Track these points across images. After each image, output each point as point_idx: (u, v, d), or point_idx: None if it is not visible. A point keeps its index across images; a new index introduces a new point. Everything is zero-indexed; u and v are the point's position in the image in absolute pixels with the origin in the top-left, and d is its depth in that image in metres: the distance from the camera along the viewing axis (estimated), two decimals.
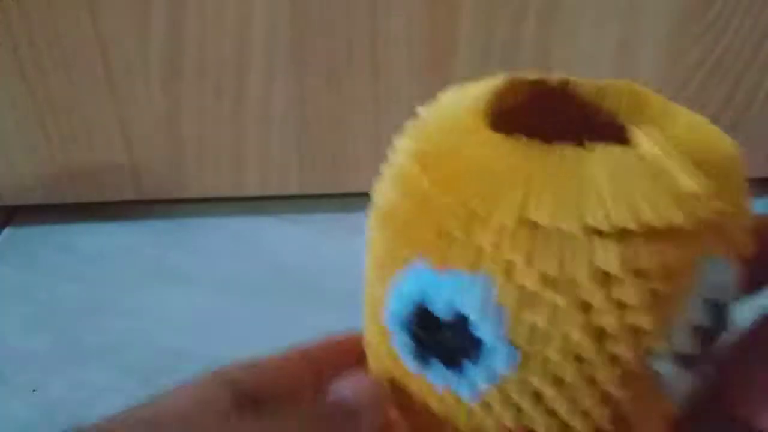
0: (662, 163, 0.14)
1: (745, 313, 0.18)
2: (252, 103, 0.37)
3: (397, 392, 0.18)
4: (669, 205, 0.14)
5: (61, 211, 0.41)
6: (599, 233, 0.13)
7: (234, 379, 0.19)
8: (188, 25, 0.34)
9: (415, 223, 0.15)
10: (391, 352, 0.17)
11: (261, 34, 0.34)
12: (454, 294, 0.15)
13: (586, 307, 0.14)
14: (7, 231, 0.41)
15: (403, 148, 0.17)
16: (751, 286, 0.18)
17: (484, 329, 0.15)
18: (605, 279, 0.14)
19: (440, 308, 0.15)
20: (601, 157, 0.14)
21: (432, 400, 0.17)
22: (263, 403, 0.17)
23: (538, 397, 0.15)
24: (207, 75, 0.36)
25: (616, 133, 0.16)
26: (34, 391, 0.28)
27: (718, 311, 0.15)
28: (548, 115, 0.18)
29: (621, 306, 0.14)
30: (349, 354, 0.20)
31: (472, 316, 0.15)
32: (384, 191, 0.17)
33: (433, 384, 0.16)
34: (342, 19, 0.34)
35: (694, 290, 0.14)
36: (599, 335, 0.14)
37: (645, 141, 0.15)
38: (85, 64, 0.34)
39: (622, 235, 0.13)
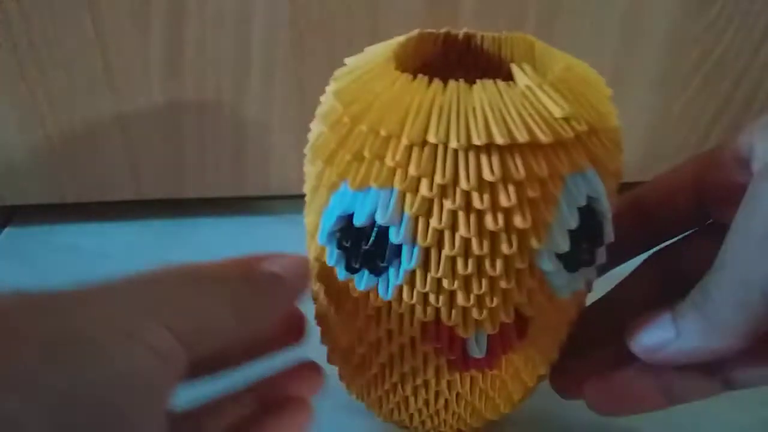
0: (532, 92, 0.17)
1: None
2: (252, 103, 0.37)
3: (330, 295, 0.22)
4: (536, 126, 0.16)
5: (61, 211, 0.41)
6: (482, 149, 0.16)
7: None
8: (188, 25, 0.34)
9: (338, 151, 0.18)
10: (325, 268, 0.21)
11: (261, 33, 0.34)
12: (370, 207, 0.17)
13: (473, 211, 0.17)
14: (6, 231, 0.41)
15: (329, 90, 0.19)
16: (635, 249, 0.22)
17: (394, 234, 0.17)
18: (487, 186, 0.17)
19: (360, 221, 0.18)
20: (483, 90, 0.17)
21: (358, 302, 0.20)
22: None
23: (440, 287, 0.18)
24: (207, 75, 0.36)
25: (507, 74, 0.19)
26: None
27: (591, 218, 0.18)
28: (457, 62, 0.22)
29: (501, 209, 0.17)
30: None
31: (385, 224, 0.17)
32: (316, 128, 0.19)
33: (358, 288, 0.19)
34: (342, 19, 0.34)
35: (565, 198, 0.17)
36: (486, 234, 0.17)
37: (519, 76, 0.18)
38: (85, 63, 0.34)
39: (499, 150, 0.16)
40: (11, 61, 0.34)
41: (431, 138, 0.17)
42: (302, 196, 0.22)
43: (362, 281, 0.19)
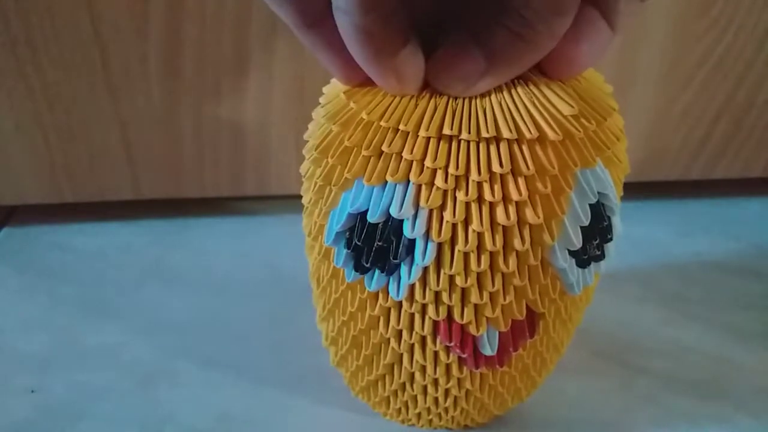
0: (541, 91, 0.18)
1: None
2: (251, 103, 0.37)
3: (335, 297, 0.21)
4: (546, 124, 0.17)
5: (59, 211, 0.41)
6: (491, 141, 0.17)
7: None
8: (187, 25, 0.34)
9: (352, 149, 0.18)
10: (331, 271, 0.21)
11: (260, 33, 0.34)
12: (386, 202, 0.18)
13: (485, 203, 0.17)
14: (5, 231, 0.41)
15: (335, 89, 0.20)
16: None
17: (409, 228, 0.18)
18: (497, 178, 0.17)
19: (375, 216, 0.18)
20: (493, 89, 0.18)
21: (365, 303, 0.20)
22: None
23: (452, 285, 0.19)
24: (206, 75, 0.35)
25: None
26: (32, 391, 0.28)
27: (601, 214, 0.19)
28: None
29: (511, 202, 0.17)
30: None
31: (400, 218, 0.18)
32: (320, 127, 0.19)
33: (368, 288, 0.19)
34: None
35: (576, 194, 0.18)
36: (498, 229, 0.18)
37: (529, 74, 0.18)
38: (84, 63, 0.34)
39: (508, 144, 0.17)
40: (9, 60, 0.33)
41: (447, 130, 0.17)
42: (301, 197, 0.22)
43: (372, 281, 0.19)
